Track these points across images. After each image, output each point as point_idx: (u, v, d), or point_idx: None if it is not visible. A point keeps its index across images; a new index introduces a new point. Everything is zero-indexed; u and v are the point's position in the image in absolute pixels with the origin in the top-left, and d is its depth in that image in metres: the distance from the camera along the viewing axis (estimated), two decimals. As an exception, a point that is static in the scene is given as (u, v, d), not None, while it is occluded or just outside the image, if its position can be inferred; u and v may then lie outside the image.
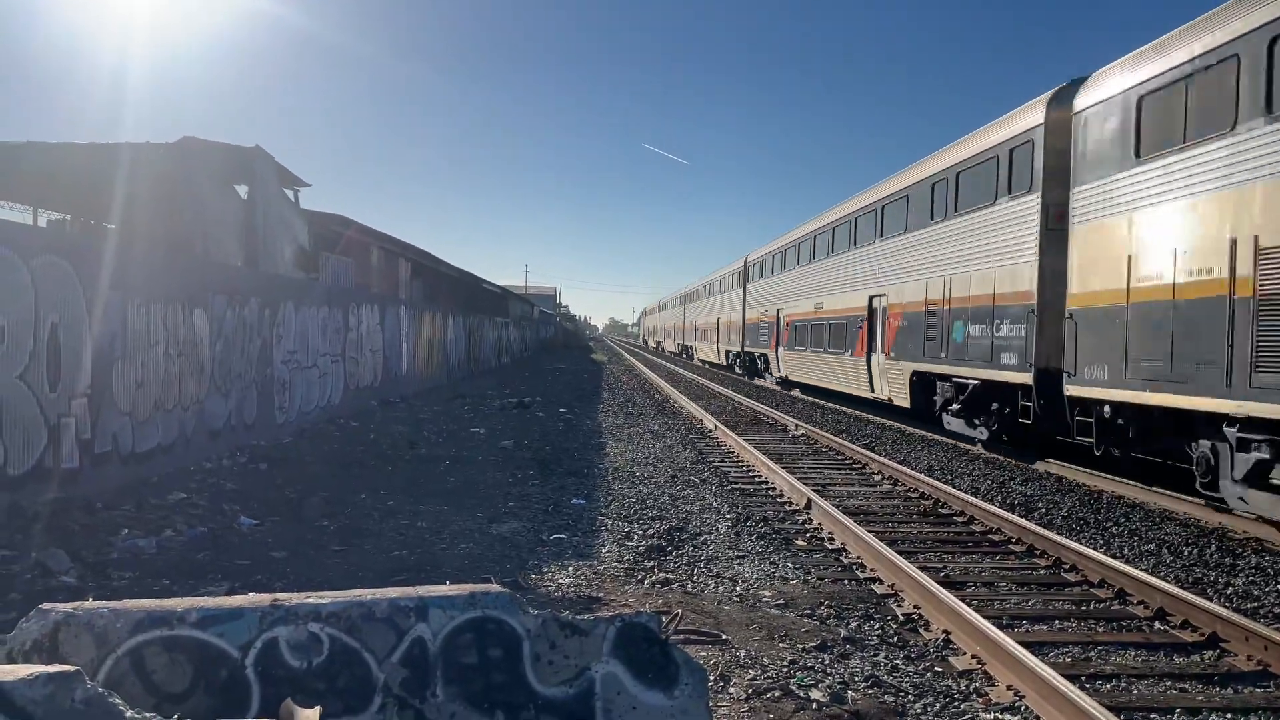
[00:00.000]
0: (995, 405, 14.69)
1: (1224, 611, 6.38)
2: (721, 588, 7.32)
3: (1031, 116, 13.80)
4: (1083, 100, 12.25)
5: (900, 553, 8.12)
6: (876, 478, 13.02)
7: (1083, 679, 5.46)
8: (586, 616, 3.09)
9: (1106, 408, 11.56)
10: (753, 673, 5.28)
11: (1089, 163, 11.97)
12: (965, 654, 5.84)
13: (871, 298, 20.41)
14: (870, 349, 20.58)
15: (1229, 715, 5.06)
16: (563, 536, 9.12)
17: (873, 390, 20.67)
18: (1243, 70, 9.20)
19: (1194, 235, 9.79)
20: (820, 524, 9.67)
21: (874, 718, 4.78)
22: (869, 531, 8.81)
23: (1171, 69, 10.37)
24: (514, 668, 3.01)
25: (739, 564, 8.12)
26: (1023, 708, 5.04)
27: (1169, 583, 7.35)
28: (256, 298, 14.13)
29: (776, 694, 4.95)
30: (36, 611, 2.92)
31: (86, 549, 7.71)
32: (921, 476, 12.27)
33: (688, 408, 23.57)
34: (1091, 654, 6.00)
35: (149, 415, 10.83)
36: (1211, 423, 9.72)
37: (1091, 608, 7.03)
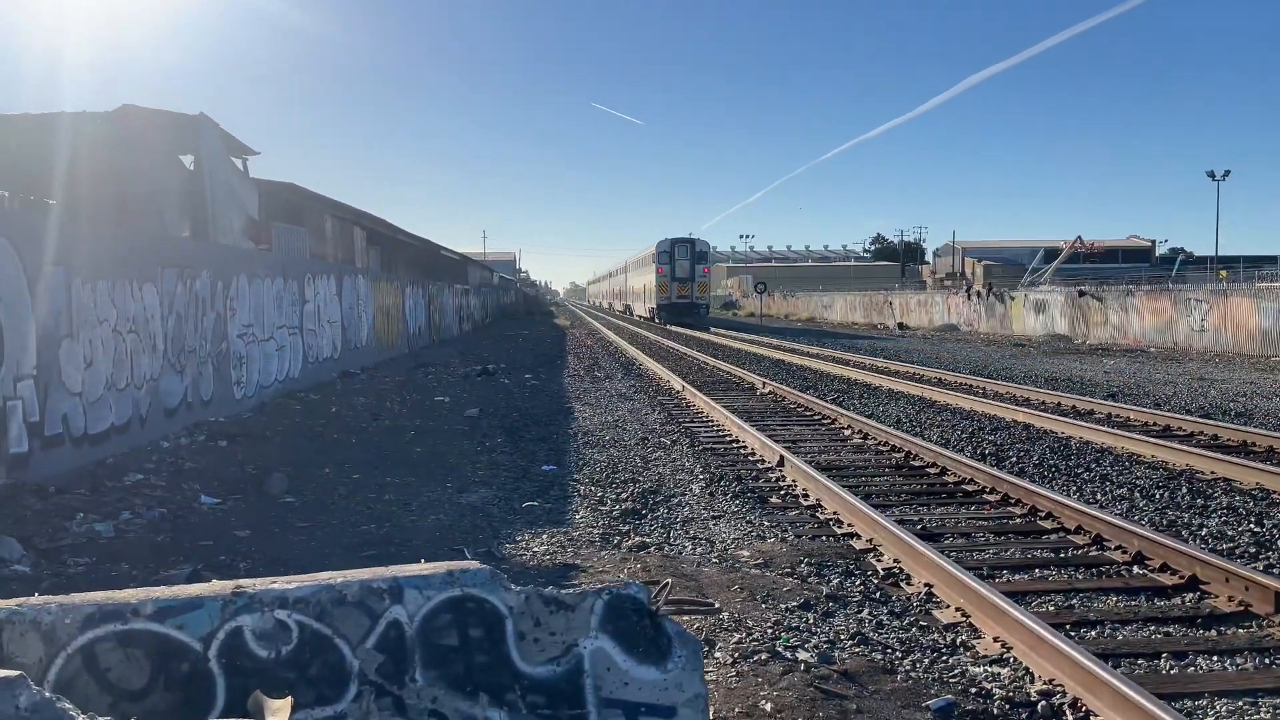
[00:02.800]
0: (651, 312, 56.36)
1: (1202, 554, 6.40)
2: (699, 549, 7.21)
3: (652, 250, 55.92)
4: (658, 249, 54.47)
5: (875, 506, 8.06)
6: (846, 432, 12.98)
7: (1067, 627, 5.43)
8: (572, 590, 2.93)
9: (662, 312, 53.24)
10: (737, 636, 5.16)
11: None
12: (949, 607, 5.78)
13: (667, 279, 53.54)
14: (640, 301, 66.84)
15: (1214, 657, 5.04)
16: (535, 504, 8.96)
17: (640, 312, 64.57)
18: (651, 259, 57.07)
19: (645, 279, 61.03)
20: (794, 481, 9.59)
21: (863, 676, 4.69)
22: (843, 487, 8.74)
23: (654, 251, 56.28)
24: (497, 648, 2.84)
25: (715, 524, 8.02)
26: (1011, 659, 4.99)
27: (1144, 527, 7.36)
28: (208, 270, 13.70)
29: (763, 656, 4.84)
30: (-24, 610, 2.70)
31: (40, 535, 7.41)
32: (891, 430, 12.25)
33: (654, 369, 23.44)
34: (1074, 602, 5.97)
35: (100, 395, 10.46)
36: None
37: (1070, 555, 7.01)
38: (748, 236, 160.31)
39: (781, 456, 10.36)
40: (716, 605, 5.30)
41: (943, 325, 48.83)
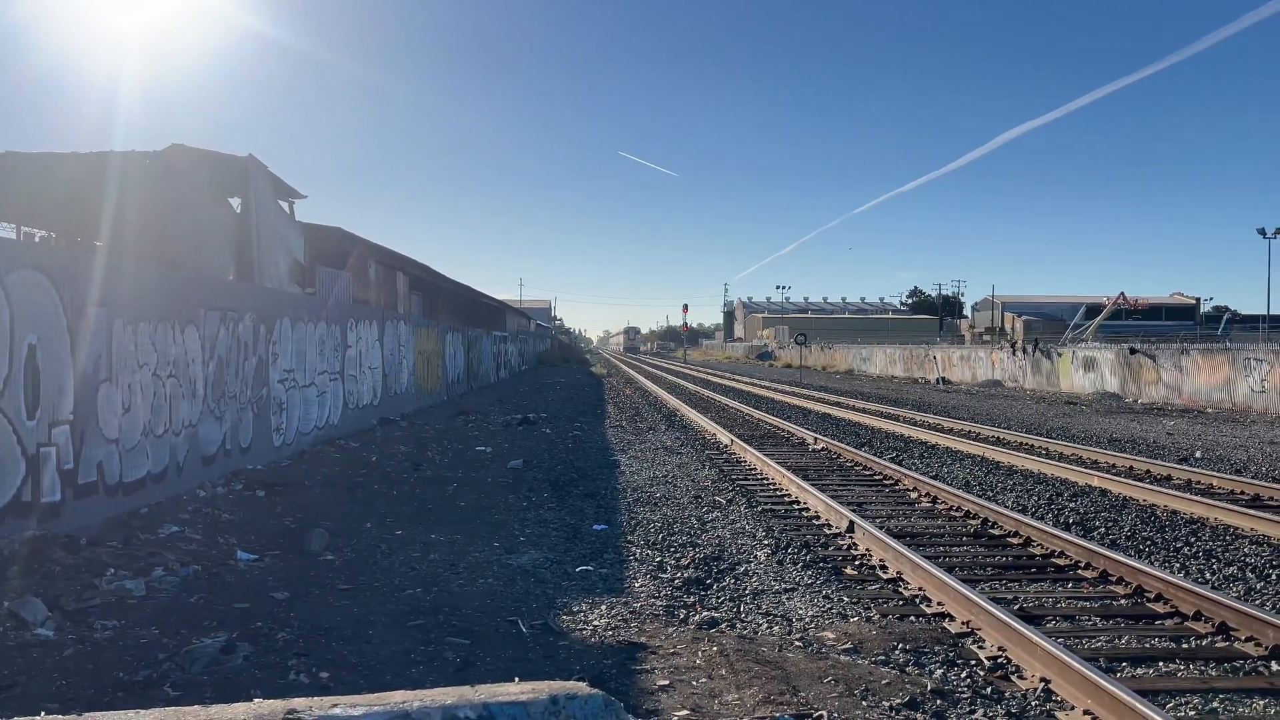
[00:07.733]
0: (625, 350, 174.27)
1: (1352, 650, 5.74)
2: (776, 628, 6.57)
3: (624, 328, 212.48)
4: (624, 330, 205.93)
5: (962, 581, 7.37)
6: (913, 495, 12.27)
7: (1217, 738, 4.73)
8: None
9: (625, 351, 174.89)
10: (840, 740, 4.53)
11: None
12: (1074, 708, 5.10)
13: (628, 338, 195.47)
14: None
15: (1400, 782, 4.34)
16: (589, 568, 8.38)
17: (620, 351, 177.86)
18: (624, 331, 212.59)
19: (620, 339, 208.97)
20: (868, 550, 8.91)
21: (995, 797, 4.03)
22: (924, 557, 8.06)
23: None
24: (613, 798, 2.26)
25: (789, 599, 7.37)
26: (1163, 779, 4.31)
27: (1275, 615, 6.61)
28: (251, 314, 13.37)
29: (875, 769, 4.20)
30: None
31: (67, 594, 6.93)
32: (961, 494, 11.54)
33: (698, 421, 22.83)
34: (1216, 705, 5.25)
35: (137, 442, 10.05)
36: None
37: (1195, 645, 6.28)
38: (784, 287, 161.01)
39: (851, 522, 9.69)
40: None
41: (986, 380, 47.75)
